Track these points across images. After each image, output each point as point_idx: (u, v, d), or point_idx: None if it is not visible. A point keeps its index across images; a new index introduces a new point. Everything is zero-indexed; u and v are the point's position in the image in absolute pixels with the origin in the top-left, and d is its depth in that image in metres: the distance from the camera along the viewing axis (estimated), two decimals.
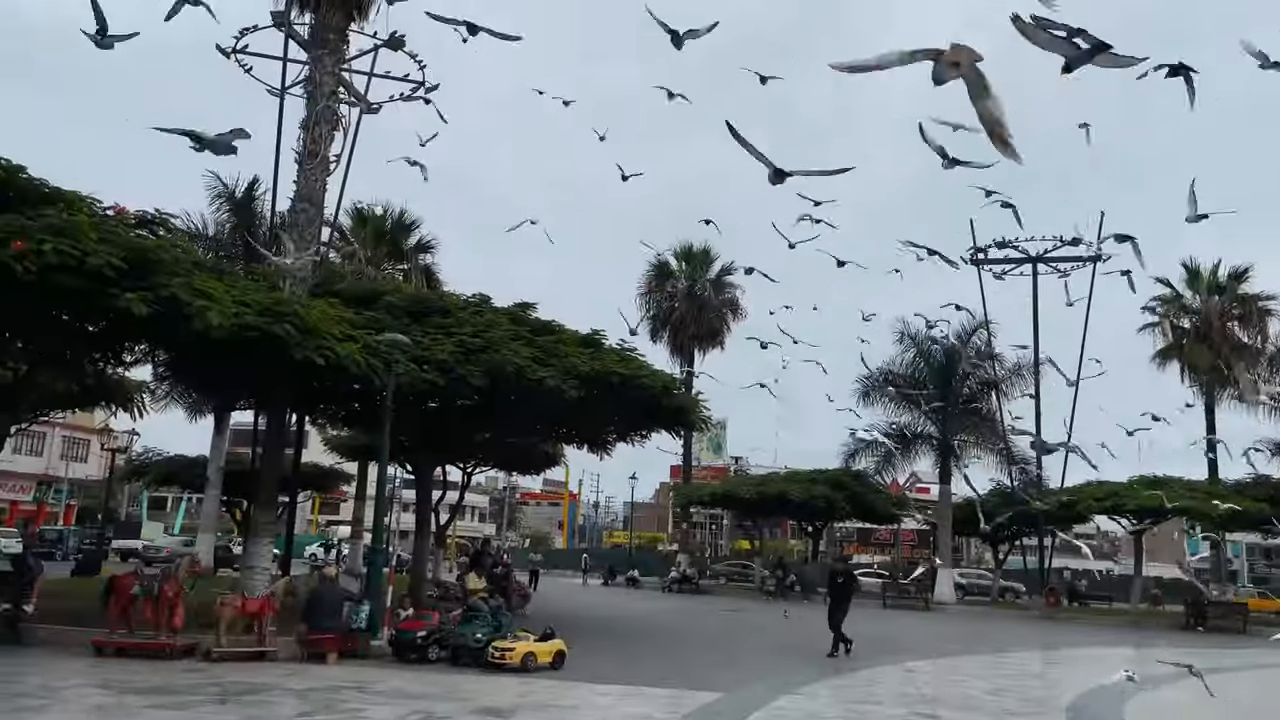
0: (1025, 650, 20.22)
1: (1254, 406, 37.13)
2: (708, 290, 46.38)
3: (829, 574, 18.44)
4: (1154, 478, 35.48)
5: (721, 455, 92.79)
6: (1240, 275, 40.56)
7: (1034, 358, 40.57)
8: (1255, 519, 34.18)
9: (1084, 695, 13.11)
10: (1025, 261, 43.42)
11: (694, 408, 23.00)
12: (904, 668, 15.02)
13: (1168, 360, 41.28)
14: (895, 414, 40.32)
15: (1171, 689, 14.87)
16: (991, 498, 42.20)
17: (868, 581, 42.86)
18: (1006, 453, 40.25)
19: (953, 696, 12.18)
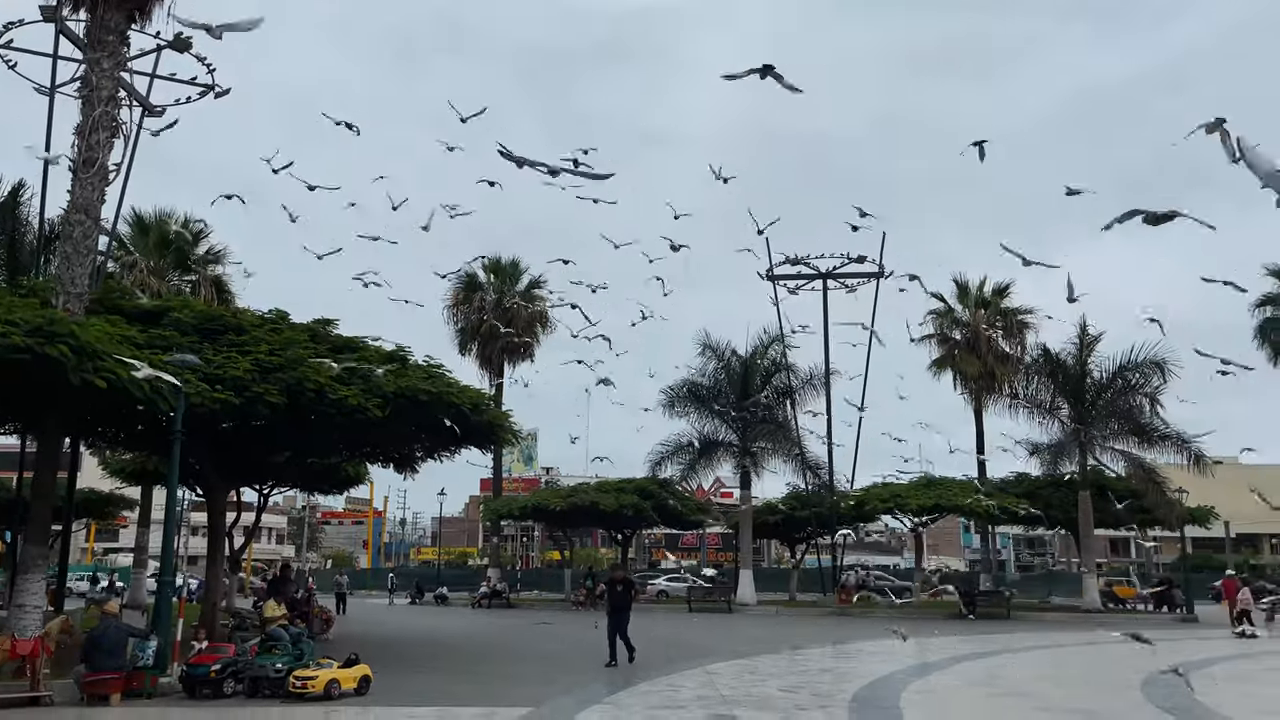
0: (819, 647, 21.43)
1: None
2: (517, 302, 46.43)
3: (608, 582, 18.36)
4: (931, 478, 38.42)
5: (533, 467, 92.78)
6: (1003, 291, 44.63)
7: (825, 368, 43.03)
8: (1017, 514, 37.67)
9: (867, 686, 14.14)
10: (815, 278, 46.00)
11: (503, 423, 23.04)
12: (705, 670, 15.67)
13: (942, 369, 44.82)
14: (699, 423, 41.71)
15: (944, 674, 16.26)
16: (789, 500, 44.45)
17: (676, 587, 44.12)
18: (801, 458, 42.41)
19: (750, 697, 12.84)
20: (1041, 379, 36.91)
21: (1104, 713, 11.98)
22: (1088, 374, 36.01)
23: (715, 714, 11.36)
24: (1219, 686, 14.63)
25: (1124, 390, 35.38)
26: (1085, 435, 35.38)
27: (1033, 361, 38.53)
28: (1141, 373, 34.75)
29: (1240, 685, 15.00)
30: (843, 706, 12.11)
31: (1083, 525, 36.39)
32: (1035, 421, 36.85)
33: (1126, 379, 35.19)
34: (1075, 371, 36.05)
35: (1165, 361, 34.08)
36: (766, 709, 11.78)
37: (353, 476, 30.20)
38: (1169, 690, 13.89)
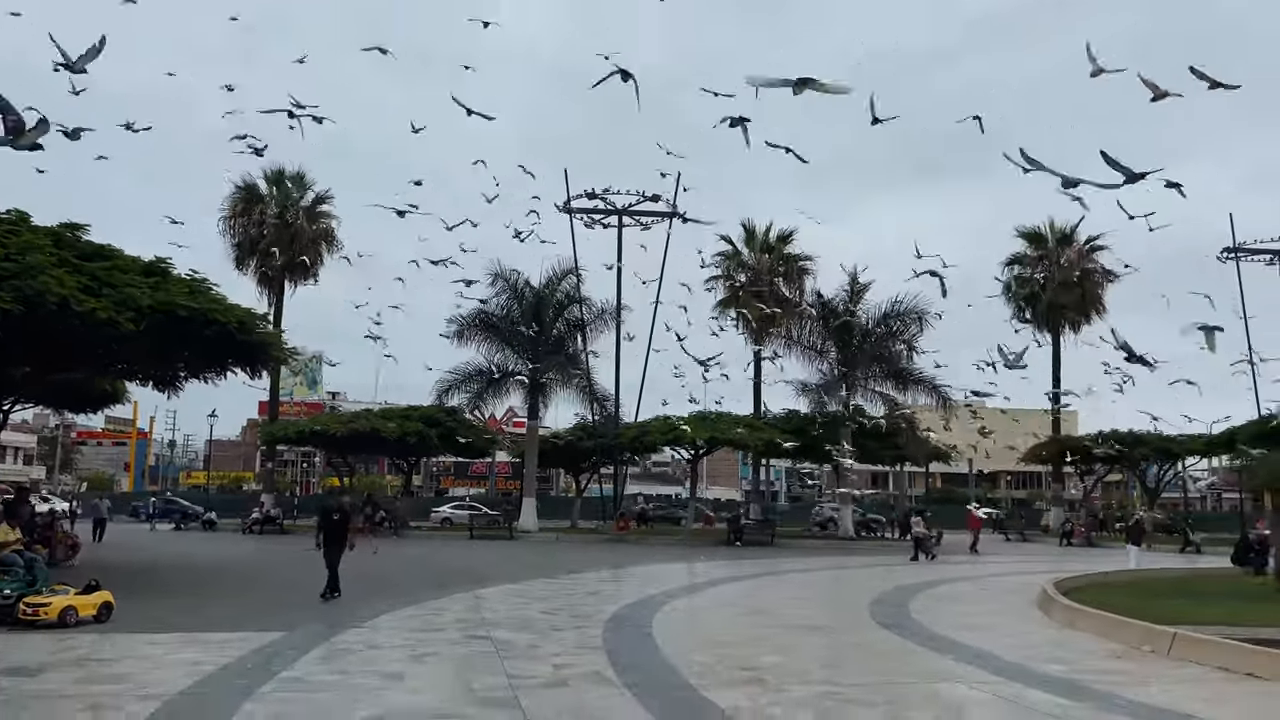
0: (594, 571, 22.20)
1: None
2: (301, 218, 44.26)
3: (320, 510, 16.46)
4: (709, 413, 40.17)
5: (317, 391, 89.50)
6: (786, 238, 46.73)
7: (617, 303, 43.82)
8: (787, 447, 40.10)
9: (626, 607, 14.87)
10: (611, 213, 46.47)
11: (276, 343, 22.14)
12: (474, 595, 15.95)
13: (728, 308, 46.62)
14: (490, 353, 41.58)
15: (698, 596, 17.32)
16: (575, 431, 45.29)
17: (460, 515, 44.16)
18: (589, 390, 43.22)
19: (511, 619, 13.22)
20: (815, 323, 39.20)
21: (831, 627, 13.18)
22: (856, 320, 38.56)
23: (471, 635, 11.65)
24: (936, 605, 16.37)
25: (886, 336, 38.16)
26: (850, 377, 37.99)
27: (808, 306, 40.78)
28: (903, 321, 37.59)
29: (953, 604, 16.82)
30: (598, 625, 12.70)
31: (843, 459, 39.22)
32: (806, 362, 39.23)
33: (889, 326, 37.96)
34: (845, 317, 38.49)
35: (924, 312, 37.03)
36: (524, 630, 12.18)
37: (110, 394, 28.26)
38: (892, 609, 15.43)
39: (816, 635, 12.39)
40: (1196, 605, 15.25)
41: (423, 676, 9.08)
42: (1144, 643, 11.45)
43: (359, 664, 9.57)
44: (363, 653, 10.23)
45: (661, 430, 38.75)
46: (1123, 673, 9.82)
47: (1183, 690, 8.89)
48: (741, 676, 9.25)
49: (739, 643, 11.56)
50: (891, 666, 10.11)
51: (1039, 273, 49.69)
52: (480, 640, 11.26)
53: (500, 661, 9.82)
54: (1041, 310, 48.91)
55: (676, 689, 8.64)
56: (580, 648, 10.88)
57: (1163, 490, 54.08)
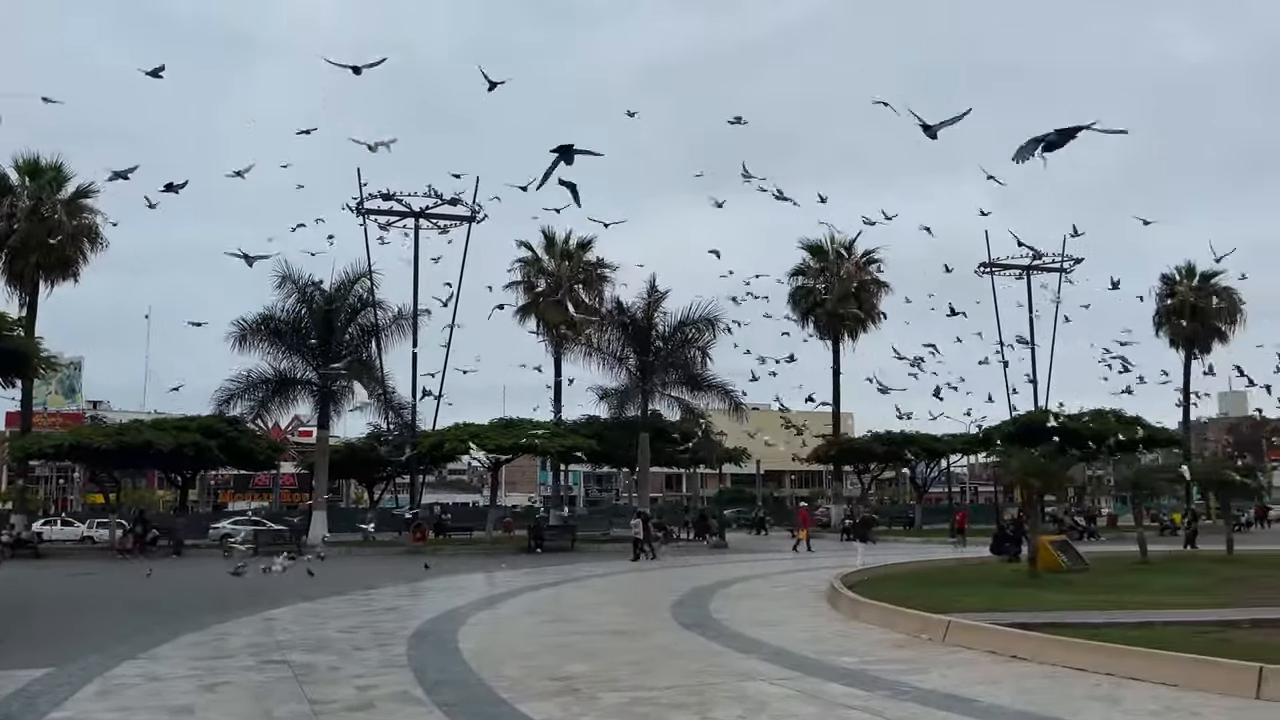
0: (393, 585, 21.50)
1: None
2: (59, 212, 40.42)
3: None
4: (510, 419, 39.93)
5: (76, 400, 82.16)
6: (586, 245, 47.16)
7: (414, 307, 42.78)
8: (587, 452, 40.45)
9: (429, 622, 14.52)
10: (407, 215, 45.33)
11: (33, 351, 20.16)
12: (263, 618, 15.08)
13: (527, 315, 46.52)
14: (275, 359, 39.52)
15: (503, 606, 17.16)
16: (369, 440, 43.85)
17: (242, 530, 41.55)
18: (385, 398, 41.94)
19: (308, 640, 12.61)
20: (614, 329, 39.78)
21: (637, 630, 13.40)
22: (654, 327, 39.43)
23: (265, 660, 11.03)
24: (734, 603, 16.99)
25: (682, 343, 39.26)
26: (648, 382, 38.79)
27: (608, 313, 41.31)
28: (697, 328, 38.78)
29: (749, 602, 17.51)
30: (402, 642, 12.34)
31: (641, 463, 40.00)
32: (606, 369, 39.73)
33: (685, 333, 39.06)
34: (643, 324, 39.27)
35: (716, 318, 38.35)
36: (323, 651, 11.66)
37: None
38: (693, 609, 15.88)
39: (623, 640, 12.56)
40: (964, 593, 16.61)
41: (215, 708, 8.51)
42: (922, 631, 12.34)
43: (141, 698, 8.84)
44: (144, 686, 9.46)
45: (460, 437, 38.13)
46: (907, 661, 10.54)
47: (959, 674, 9.65)
48: (553, 687, 9.23)
49: (548, 652, 11.54)
50: (699, 667, 10.39)
51: (820, 283, 52.61)
52: (276, 665, 10.68)
53: (299, 686, 9.35)
54: (823, 319, 51.81)
55: (489, 704, 8.52)
56: (385, 667, 10.53)
57: (929, 486, 58.63)
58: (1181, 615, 13.15)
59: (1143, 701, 8.28)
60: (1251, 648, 10.08)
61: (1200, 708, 7.98)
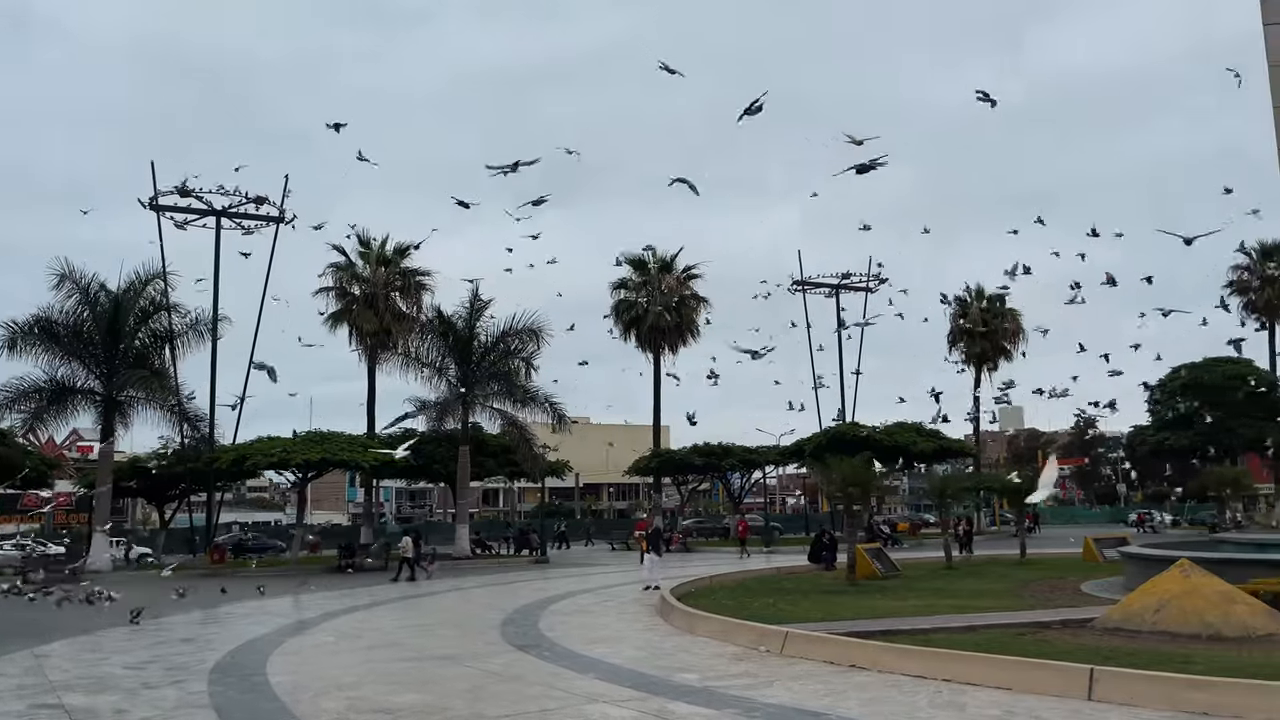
0: (186, 612, 19.59)
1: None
2: None
3: None
4: (319, 432, 37.80)
5: None
6: (404, 251, 45.51)
7: (214, 312, 39.89)
8: (402, 467, 38.84)
9: (232, 653, 13.19)
10: (209, 214, 42.29)
11: None
12: (32, 654, 13.28)
13: (339, 323, 44.36)
14: (52, 366, 35.78)
15: (316, 632, 15.90)
16: (159, 455, 40.47)
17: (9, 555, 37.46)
18: (179, 409, 38.79)
19: (88, 679, 11.12)
20: (434, 339, 38.47)
21: (467, 654, 12.60)
22: (475, 337, 38.40)
23: (37, 704, 9.58)
24: (565, 620, 16.43)
25: (505, 354, 38.41)
26: (470, 394, 37.69)
27: (427, 322, 39.95)
28: (520, 339, 38.06)
29: (581, 618, 17.00)
30: (201, 678, 11.08)
31: (461, 477, 38.80)
32: (425, 380, 38.34)
33: (508, 344, 38.25)
34: (465, 334, 38.17)
35: (541, 329, 37.77)
36: (107, 691, 10.28)
37: None
38: (523, 629, 15.21)
39: (453, 665, 11.75)
40: (792, 602, 16.77)
41: None
42: (760, 643, 12.21)
43: None
44: None
45: (265, 451, 35.68)
46: (749, 675, 10.32)
47: (804, 687, 9.50)
48: None
49: (372, 681, 10.61)
50: (537, 692, 9.78)
51: (642, 297, 52.99)
52: (50, 710, 9.29)
53: None
54: (645, 332, 52.19)
55: None
56: (182, 707, 9.35)
57: (744, 496, 60.00)
58: (999, 618, 13.65)
59: (984, 707, 8.35)
60: (1073, 649, 10.47)
61: (1040, 710, 8.11)
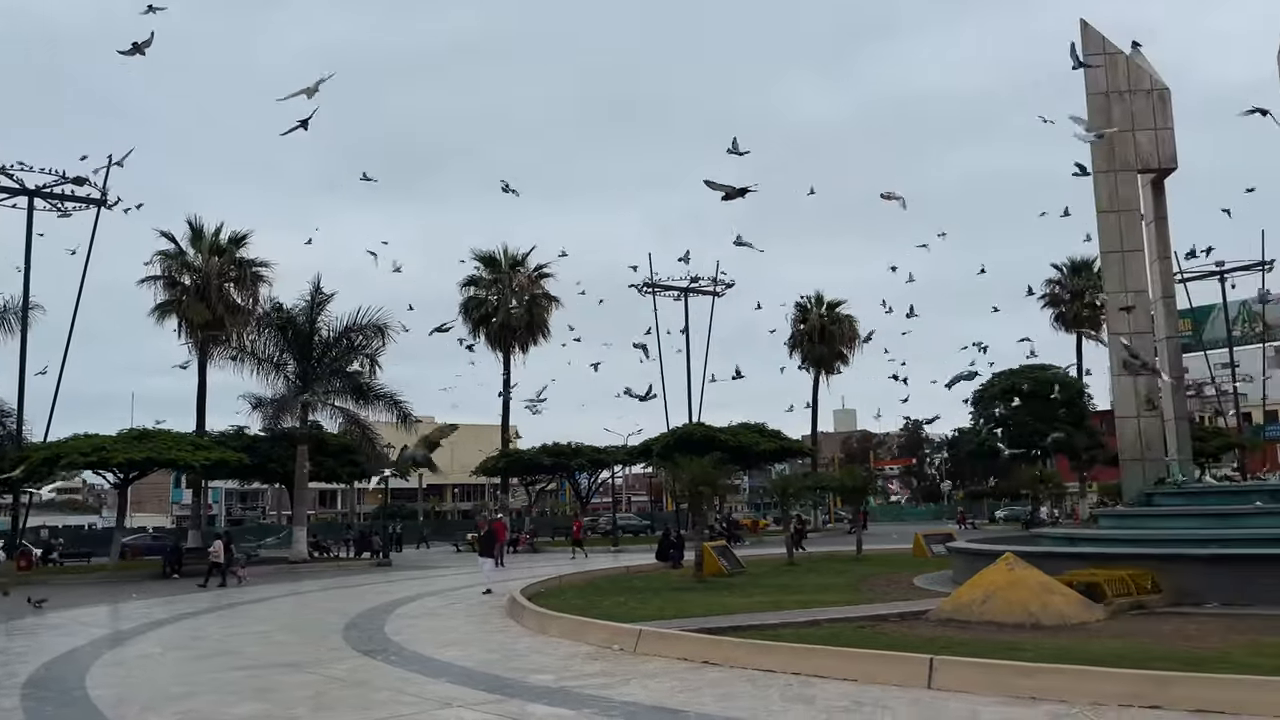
0: None
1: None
2: None
3: None
4: (144, 430, 35.55)
5: None
6: (240, 240, 43.32)
7: (24, 299, 36.87)
8: (235, 467, 37.01)
9: (46, 665, 12.24)
10: (20, 194, 39.03)
11: None
12: None
13: (167, 314, 41.81)
14: None
15: (140, 641, 14.91)
16: None
17: None
18: None
19: None
20: (272, 333, 36.82)
21: (310, 661, 12.09)
22: (317, 332, 36.98)
23: None
24: (412, 624, 16.01)
25: (349, 350, 37.17)
26: (309, 391, 36.27)
27: (265, 315, 38.20)
28: (365, 335, 36.91)
29: (428, 621, 16.61)
30: (13, 693, 10.22)
31: (298, 478, 37.28)
32: (261, 376, 36.65)
33: (352, 340, 37.02)
34: (305, 329, 36.71)
35: (387, 326, 36.74)
36: None
37: None
38: (368, 633, 14.73)
39: (296, 673, 11.24)
40: (642, 601, 16.91)
41: None
42: (613, 641, 12.24)
43: None
44: None
45: (82, 450, 33.19)
46: (605, 674, 10.33)
47: (660, 685, 9.57)
48: None
49: (206, 692, 10.02)
50: (386, 698, 9.47)
51: (493, 294, 52.39)
52: None
53: None
54: (495, 330, 51.58)
55: None
56: None
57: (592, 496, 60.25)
58: (841, 612, 14.16)
59: (833, 698, 8.63)
60: (912, 640, 10.97)
61: (886, 700, 8.45)
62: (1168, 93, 21.66)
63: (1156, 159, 21.48)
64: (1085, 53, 21.58)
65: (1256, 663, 8.94)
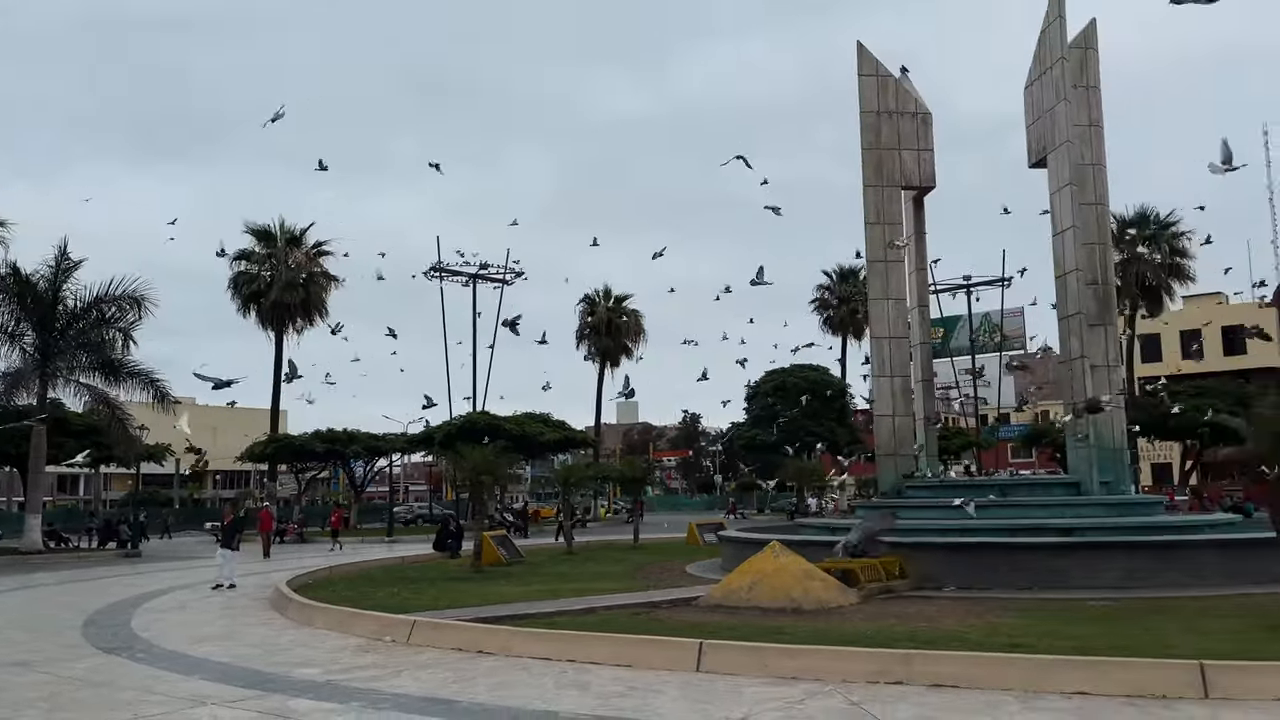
0: None
1: None
2: None
3: None
4: None
5: None
6: None
7: None
8: None
9: None
10: None
11: None
12: None
13: None
14: None
15: None
16: None
17: None
18: None
19: None
20: (7, 300, 33.20)
21: (39, 660, 10.95)
22: (61, 300, 33.69)
23: None
24: (163, 618, 14.88)
25: (99, 322, 34.09)
26: (50, 366, 32.99)
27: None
28: (119, 306, 33.97)
29: (181, 615, 15.50)
30: None
31: (34, 461, 33.82)
32: None
33: (103, 311, 33.98)
34: (47, 297, 33.35)
35: (144, 298, 33.95)
36: None
37: None
38: (112, 629, 13.57)
39: (26, 672, 10.15)
40: (417, 591, 16.56)
41: None
42: (385, 633, 11.90)
43: None
44: None
45: None
46: (375, 666, 10.01)
47: (433, 676, 9.38)
48: None
49: None
50: (131, 697, 8.72)
51: (266, 270, 49.63)
52: None
53: None
54: (266, 308, 48.86)
55: None
56: None
57: (368, 484, 58.28)
58: (617, 600, 14.42)
59: (608, 684, 8.76)
60: (683, 626, 11.33)
61: (658, 684, 8.67)
62: (930, 117, 23.47)
63: (918, 177, 23.24)
64: (859, 73, 23.06)
65: (986, 641, 9.87)
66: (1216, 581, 14.36)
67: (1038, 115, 21.82)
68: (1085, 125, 21.64)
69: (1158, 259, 49.66)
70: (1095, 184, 21.64)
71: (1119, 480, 20.78)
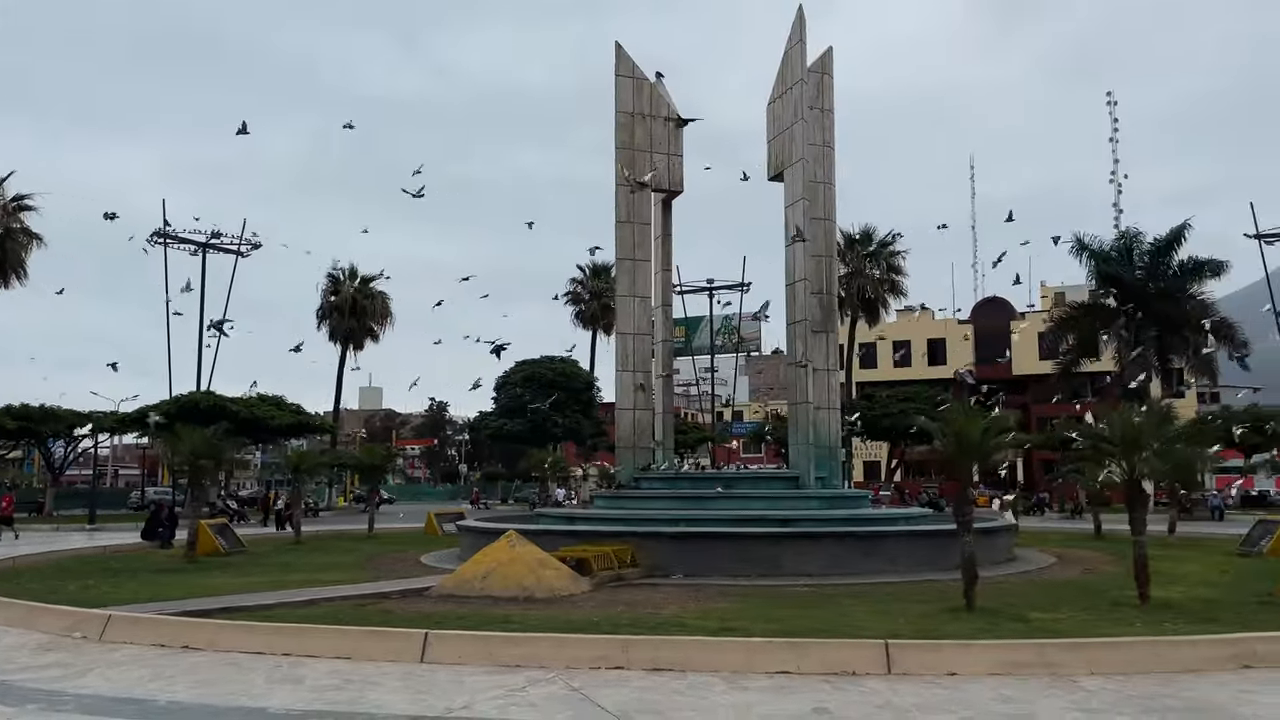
0: None
1: None
2: None
3: None
4: None
5: None
6: None
7: None
8: None
9: None
10: None
11: None
12: None
13: None
14: None
15: None
16: None
17: None
18: None
19: None
20: None
21: None
22: None
23: None
24: None
25: None
26: None
27: None
28: None
29: None
30: None
31: None
32: None
33: None
34: None
35: None
36: None
37: None
38: None
39: None
40: (119, 583, 15.18)
41: None
42: (75, 629, 10.83)
43: None
44: None
45: None
46: (60, 665, 9.08)
47: (127, 674, 8.63)
48: None
49: None
50: None
51: None
52: None
53: None
54: None
55: None
56: None
57: (68, 467, 52.73)
58: (343, 591, 13.88)
59: (323, 677, 8.41)
60: (411, 616, 11.09)
61: (377, 676, 8.41)
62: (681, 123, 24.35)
63: (668, 180, 24.04)
64: (616, 74, 23.53)
65: (704, 625, 10.37)
66: (909, 568, 15.88)
67: (778, 131, 23.17)
68: (819, 145, 23.15)
69: (877, 274, 54.17)
70: (825, 201, 23.24)
71: (833, 475, 22.47)
